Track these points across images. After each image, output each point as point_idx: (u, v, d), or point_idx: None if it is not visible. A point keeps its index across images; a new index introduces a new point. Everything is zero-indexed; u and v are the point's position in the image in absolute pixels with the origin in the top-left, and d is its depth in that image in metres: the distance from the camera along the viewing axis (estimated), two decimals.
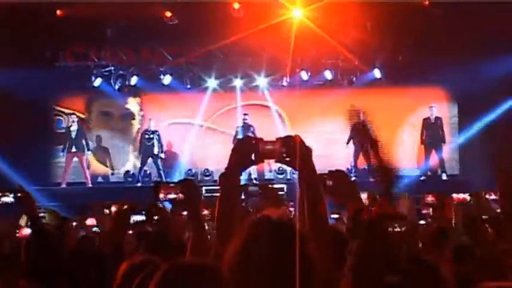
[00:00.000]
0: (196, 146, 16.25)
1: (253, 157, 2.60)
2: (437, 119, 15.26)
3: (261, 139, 2.61)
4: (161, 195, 3.25)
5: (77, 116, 15.69)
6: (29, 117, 14.59)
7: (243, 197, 4.32)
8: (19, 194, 4.08)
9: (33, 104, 14.73)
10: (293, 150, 2.52)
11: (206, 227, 3.53)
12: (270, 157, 2.56)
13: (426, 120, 15.28)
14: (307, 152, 2.54)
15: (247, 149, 2.59)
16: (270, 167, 15.43)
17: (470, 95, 14.53)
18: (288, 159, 2.55)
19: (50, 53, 15.24)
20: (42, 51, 15.12)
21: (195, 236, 3.15)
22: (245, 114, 15.56)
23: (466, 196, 5.84)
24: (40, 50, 15.02)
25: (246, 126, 15.38)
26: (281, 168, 14.97)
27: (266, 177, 15.54)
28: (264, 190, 4.10)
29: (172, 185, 3.30)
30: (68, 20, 14.27)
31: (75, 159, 15.35)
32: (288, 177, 14.52)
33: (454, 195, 6.00)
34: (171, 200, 3.24)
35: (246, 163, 2.64)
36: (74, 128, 15.41)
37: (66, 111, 16.10)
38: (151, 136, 15.42)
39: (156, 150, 15.37)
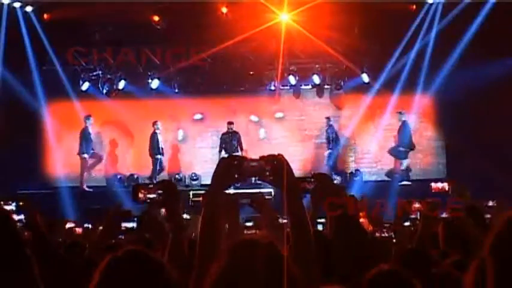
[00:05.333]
0: (183, 150, 16.22)
1: (236, 176, 2.60)
2: (421, 124, 15.34)
3: (245, 157, 2.63)
4: (140, 196, 3.24)
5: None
6: (15, 120, 14.51)
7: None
8: (20, 203, 4.09)
9: (20, 108, 14.65)
10: (277, 169, 2.53)
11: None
12: (254, 175, 2.57)
13: (404, 124, 15.27)
14: (291, 172, 2.55)
15: (230, 168, 2.59)
16: None
17: (456, 100, 14.59)
18: (271, 177, 2.56)
19: (36, 57, 15.11)
20: (29, 55, 14.99)
21: (173, 237, 3.13)
22: (229, 123, 15.45)
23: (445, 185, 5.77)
24: (27, 53, 14.91)
25: (231, 134, 15.31)
26: None
27: (254, 182, 15.51)
28: (255, 201, 4.06)
29: (151, 185, 3.30)
30: (55, 23, 14.22)
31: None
32: None
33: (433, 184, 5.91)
34: (149, 200, 3.23)
35: (229, 182, 2.64)
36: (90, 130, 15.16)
37: (53, 115, 15.96)
38: None
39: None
